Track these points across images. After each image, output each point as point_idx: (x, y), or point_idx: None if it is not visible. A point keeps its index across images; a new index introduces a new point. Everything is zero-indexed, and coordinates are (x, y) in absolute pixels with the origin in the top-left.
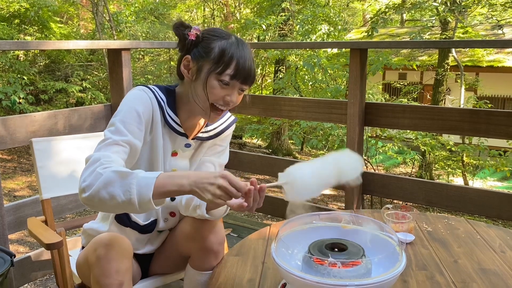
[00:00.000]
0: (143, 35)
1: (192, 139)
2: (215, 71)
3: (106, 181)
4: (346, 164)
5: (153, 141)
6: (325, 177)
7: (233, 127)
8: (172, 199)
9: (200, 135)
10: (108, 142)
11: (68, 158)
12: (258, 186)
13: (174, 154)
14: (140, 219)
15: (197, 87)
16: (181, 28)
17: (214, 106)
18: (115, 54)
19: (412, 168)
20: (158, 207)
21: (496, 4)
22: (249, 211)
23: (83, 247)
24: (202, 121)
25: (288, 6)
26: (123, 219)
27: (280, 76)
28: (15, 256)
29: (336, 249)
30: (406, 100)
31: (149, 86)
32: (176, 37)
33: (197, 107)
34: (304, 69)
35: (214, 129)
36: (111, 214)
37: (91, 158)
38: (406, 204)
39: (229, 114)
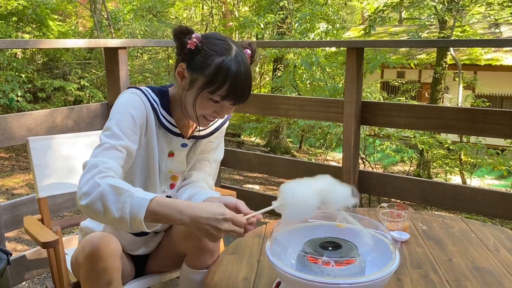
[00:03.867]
0: (141, 33)
1: (188, 138)
2: (207, 90)
3: (102, 193)
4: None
5: (148, 143)
6: (315, 200)
7: (227, 123)
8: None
9: (195, 133)
10: (105, 147)
11: (65, 156)
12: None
13: (171, 154)
14: None
15: (188, 98)
16: (180, 35)
17: (203, 115)
18: (112, 53)
19: (410, 166)
20: (150, 231)
21: (493, 3)
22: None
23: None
24: None
25: (286, 5)
26: None
27: (279, 74)
28: (11, 255)
29: (330, 248)
30: (404, 98)
31: (141, 88)
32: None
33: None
34: (303, 68)
35: (209, 127)
36: None
37: (88, 163)
38: (404, 202)
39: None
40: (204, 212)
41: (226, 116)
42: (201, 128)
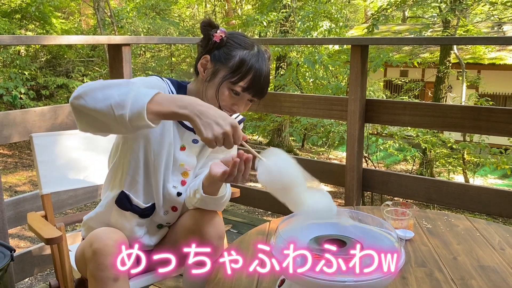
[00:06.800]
0: (144, 31)
1: None
2: (229, 80)
3: (104, 84)
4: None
5: (163, 125)
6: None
7: (241, 125)
8: (179, 194)
9: None
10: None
11: (68, 153)
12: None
13: (182, 148)
14: (140, 201)
15: (209, 89)
16: (208, 27)
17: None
18: (115, 50)
19: (413, 165)
20: (149, 124)
21: (497, 3)
22: (234, 181)
23: (83, 239)
24: None
25: (289, 3)
26: (124, 203)
27: (281, 72)
28: (15, 251)
29: (335, 245)
30: (407, 97)
31: (162, 77)
32: (199, 35)
33: None
34: (305, 66)
35: None
36: (111, 197)
37: None
38: (407, 201)
39: (237, 113)
40: (214, 110)
41: (240, 117)
42: None
